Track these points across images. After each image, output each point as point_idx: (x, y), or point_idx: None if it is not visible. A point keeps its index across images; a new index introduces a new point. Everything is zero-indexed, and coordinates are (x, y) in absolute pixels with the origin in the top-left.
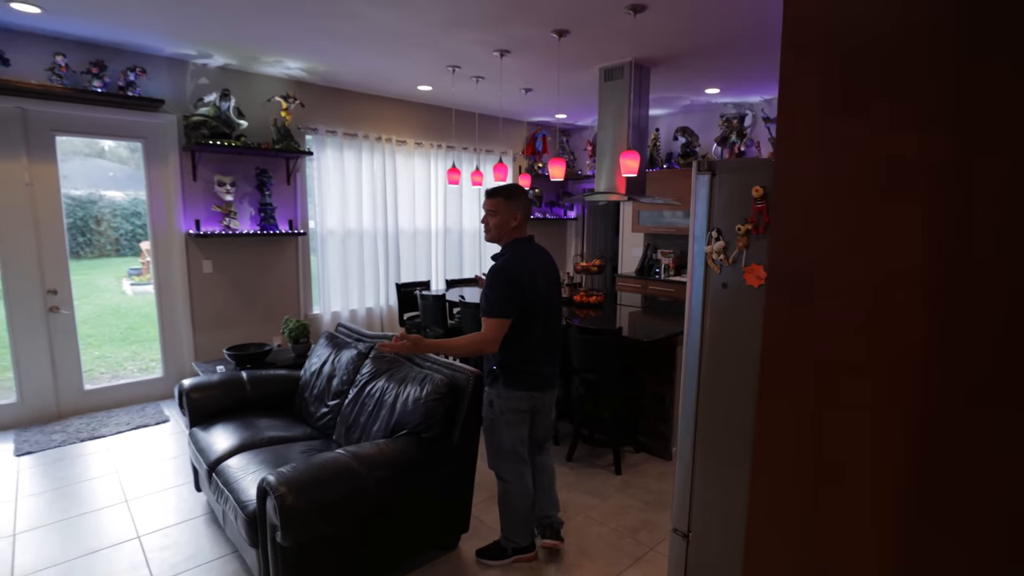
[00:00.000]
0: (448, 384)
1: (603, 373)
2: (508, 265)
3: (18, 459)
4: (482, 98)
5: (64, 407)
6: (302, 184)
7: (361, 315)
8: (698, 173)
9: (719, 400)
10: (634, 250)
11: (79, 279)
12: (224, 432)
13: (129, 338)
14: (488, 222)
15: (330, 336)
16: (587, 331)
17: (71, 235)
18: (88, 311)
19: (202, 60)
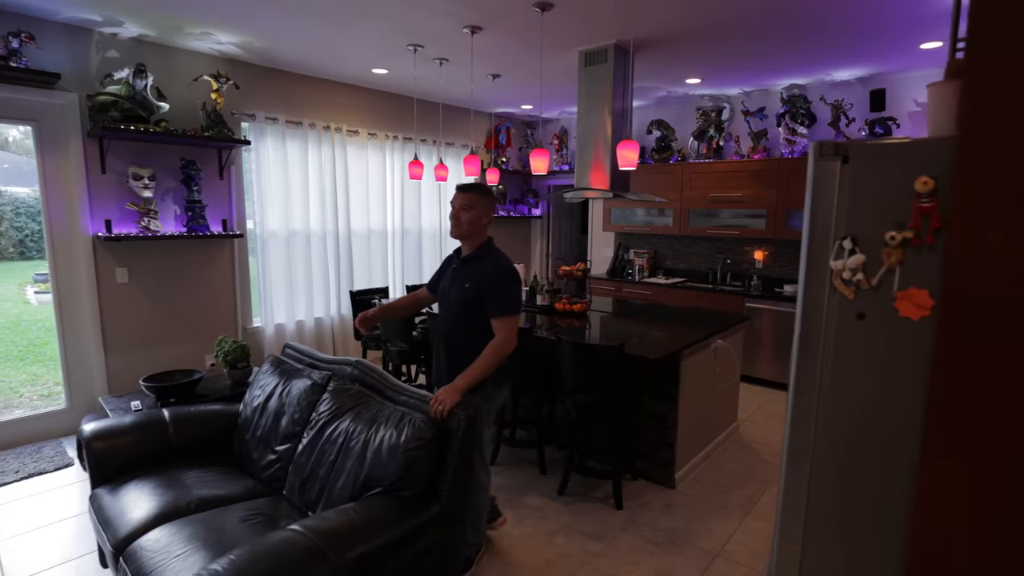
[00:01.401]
0: (434, 427)
1: (600, 394)
2: (510, 264)
3: None
4: (444, 84)
5: None
6: (238, 179)
7: (310, 327)
8: (820, 159)
9: (847, 468)
10: (605, 250)
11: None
12: (139, 493)
13: (29, 357)
14: (460, 216)
15: (276, 361)
16: (583, 347)
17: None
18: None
19: (110, 29)
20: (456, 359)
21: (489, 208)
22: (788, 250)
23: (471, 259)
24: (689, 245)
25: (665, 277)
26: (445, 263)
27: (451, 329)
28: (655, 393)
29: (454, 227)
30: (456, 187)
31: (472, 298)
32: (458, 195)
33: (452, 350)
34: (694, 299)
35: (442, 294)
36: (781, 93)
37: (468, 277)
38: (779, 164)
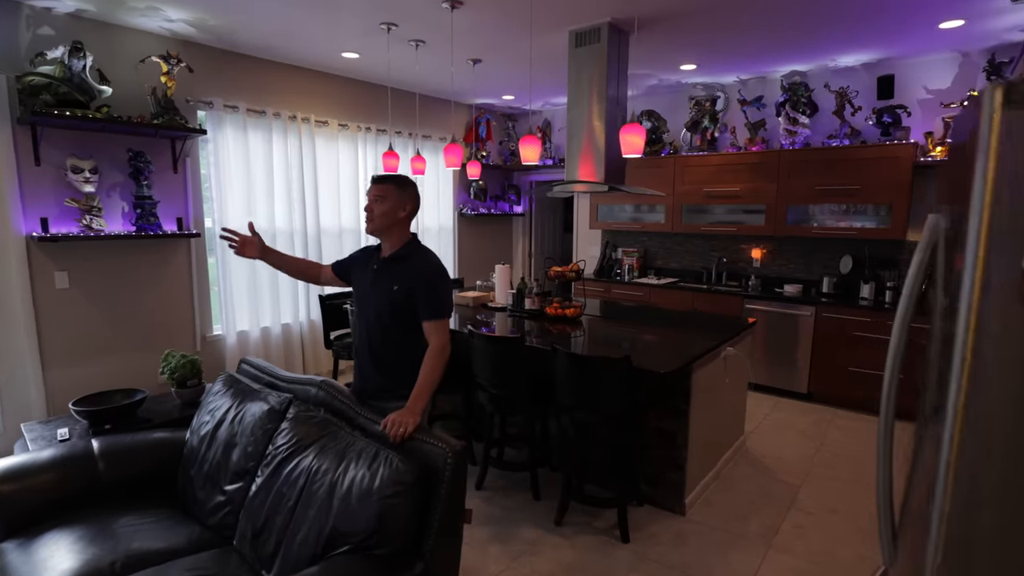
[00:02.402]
0: (415, 467)
1: (602, 411)
2: (440, 263)
3: None
4: (421, 71)
5: None
6: (194, 172)
7: (276, 334)
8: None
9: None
10: (591, 249)
11: None
12: (56, 548)
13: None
14: (373, 209)
15: (229, 380)
16: (582, 360)
17: None
18: None
19: (42, 2)
20: (382, 365)
21: (407, 200)
22: (789, 248)
23: (395, 259)
24: (682, 243)
25: (657, 277)
26: (363, 258)
27: (375, 333)
28: (662, 409)
29: (367, 221)
30: (372, 178)
31: (401, 301)
32: (372, 186)
33: (377, 355)
34: (689, 300)
35: (362, 296)
36: (781, 81)
37: (395, 279)
38: (779, 156)
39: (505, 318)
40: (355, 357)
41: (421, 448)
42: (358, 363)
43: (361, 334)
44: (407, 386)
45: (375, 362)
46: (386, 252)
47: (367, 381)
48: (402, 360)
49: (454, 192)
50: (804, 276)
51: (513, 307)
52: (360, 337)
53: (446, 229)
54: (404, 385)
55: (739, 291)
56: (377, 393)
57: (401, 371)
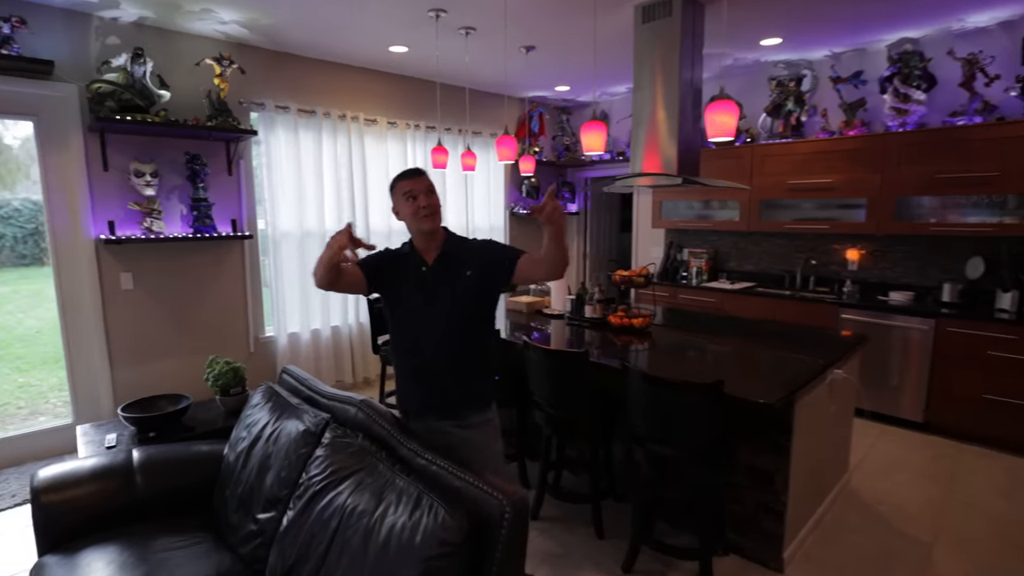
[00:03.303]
0: (464, 521)
1: (686, 446)
2: None
3: None
4: (471, 63)
5: None
6: (247, 174)
7: (326, 336)
8: None
9: None
10: (653, 249)
11: (34, 287)
12: (94, 568)
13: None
14: (433, 203)
15: (269, 392)
16: (663, 384)
17: (34, 240)
18: (31, 326)
19: (109, 12)
20: (465, 371)
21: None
22: (895, 248)
23: (448, 253)
24: (759, 243)
25: (729, 281)
26: (395, 265)
27: (450, 341)
28: (756, 443)
29: (430, 217)
30: (406, 173)
31: (479, 286)
32: (420, 179)
33: (458, 363)
34: (769, 308)
35: (417, 308)
36: (887, 51)
37: (461, 266)
38: (884, 140)
39: (563, 327)
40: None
41: (471, 494)
42: (423, 382)
43: (424, 350)
44: (490, 395)
45: (457, 372)
46: (433, 251)
47: (445, 395)
48: (486, 360)
49: (505, 190)
50: (916, 282)
51: (572, 314)
52: (420, 354)
53: (497, 229)
54: (488, 394)
55: (832, 298)
56: (457, 408)
57: (487, 374)
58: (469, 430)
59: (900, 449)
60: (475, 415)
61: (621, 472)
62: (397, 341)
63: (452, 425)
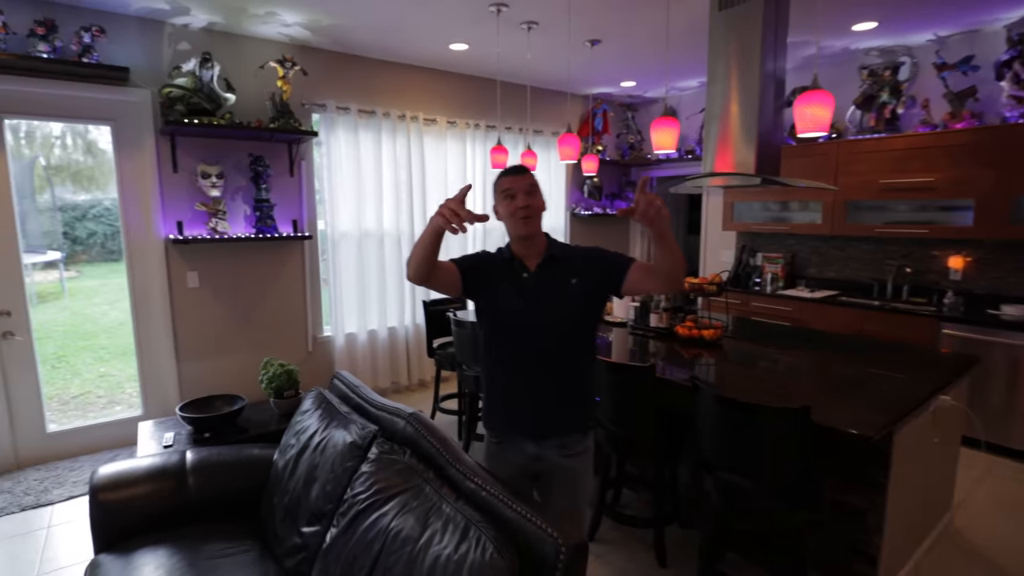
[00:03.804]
0: (514, 559)
1: (764, 478)
2: None
3: None
4: (532, 59)
5: (24, 454)
6: (308, 175)
7: (383, 337)
8: None
9: None
10: (722, 253)
11: (120, 282)
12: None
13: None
14: (533, 204)
15: (319, 398)
16: (739, 408)
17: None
18: (115, 318)
19: (180, 19)
20: (569, 390)
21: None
22: (1009, 255)
23: (553, 258)
24: (843, 248)
25: (808, 289)
26: (492, 268)
27: (553, 355)
28: (845, 476)
29: (526, 220)
30: (508, 169)
31: (586, 294)
32: (522, 177)
33: (561, 380)
34: (854, 320)
35: (514, 318)
36: (1007, 32)
37: (567, 274)
38: (1000, 133)
39: (625, 336)
40: (507, 395)
41: (523, 528)
42: (522, 401)
43: (524, 366)
44: (592, 419)
45: (560, 392)
46: (535, 257)
47: (546, 417)
48: (589, 378)
49: (566, 191)
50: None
51: (635, 323)
52: (520, 370)
53: (557, 230)
54: (590, 417)
55: (930, 310)
56: (559, 431)
57: (589, 395)
58: (572, 459)
59: (1012, 484)
60: (577, 441)
61: (687, 495)
62: (492, 354)
63: (554, 452)
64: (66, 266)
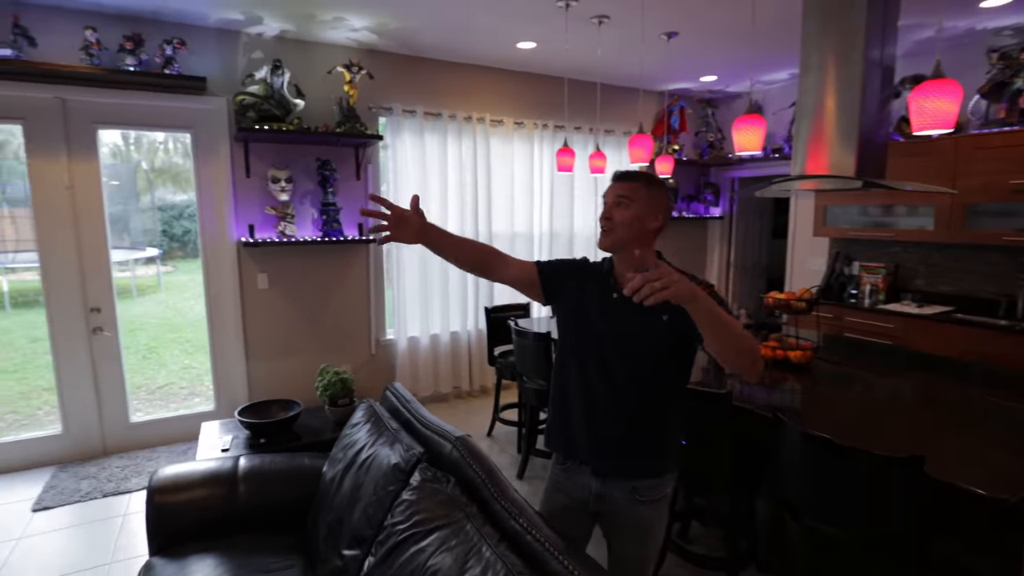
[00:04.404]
0: None
1: (859, 530)
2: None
3: (32, 515)
4: (603, 55)
5: (110, 442)
6: (374, 179)
7: (445, 341)
8: None
9: None
10: (812, 261)
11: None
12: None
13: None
14: (614, 215)
15: (369, 412)
16: (834, 449)
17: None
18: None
19: (255, 29)
20: (636, 433)
21: (659, 207)
22: None
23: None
24: (959, 257)
25: (915, 304)
26: (584, 276)
27: (625, 389)
28: (970, 539)
29: (604, 232)
30: (614, 175)
31: (671, 331)
32: (614, 185)
33: (628, 419)
34: (974, 341)
35: (589, 329)
36: None
37: (657, 309)
38: None
39: (699, 354)
40: (560, 419)
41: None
42: (592, 429)
43: (597, 392)
44: (673, 463)
45: (635, 426)
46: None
47: (617, 452)
48: (672, 416)
49: None
50: None
51: None
52: (592, 397)
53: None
54: (672, 461)
55: None
56: (631, 471)
57: (672, 435)
58: (643, 506)
59: None
60: (650, 487)
61: (766, 534)
62: (562, 369)
63: (621, 495)
64: (163, 262)
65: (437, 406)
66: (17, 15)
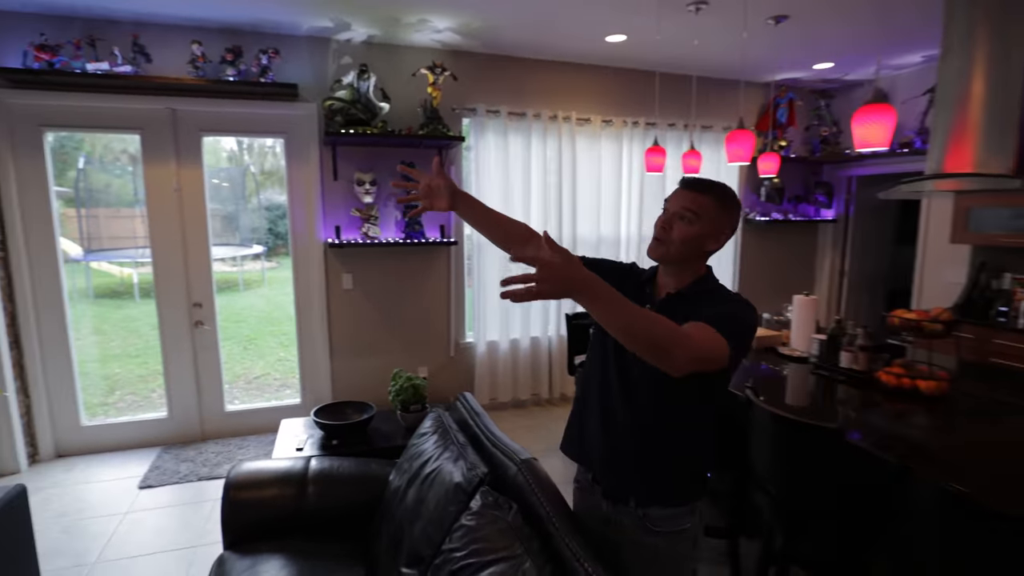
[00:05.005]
0: None
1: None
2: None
3: (138, 492)
4: (700, 46)
5: (207, 428)
6: (457, 180)
7: (525, 347)
8: None
9: None
10: (946, 272)
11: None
12: None
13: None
14: (673, 227)
15: (438, 422)
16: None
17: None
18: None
19: (344, 35)
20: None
21: (726, 226)
22: None
23: (683, 297)
24: None
25: None
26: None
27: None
28: None
29: (658, 242)
30: (682, 180)
31: None
32: (682, 194)
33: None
34: None
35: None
36: None
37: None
38: None
39: (805, 376)
40: (577, 425)
41: None
42: (589, 439)
43: (613, 403)
44: (694, 494)
45: (649, 448)
46: (669, 286)
47: (626, 473)
48: (694, 444)
49: (739, 193)
50: None
51: (820, 361)
52: (599, 400)
53: None
54: (691, 492)
55: None
56: (639, 495)
57: (693, 464)
58: (657, 536)
59: None
60: (667, 517)
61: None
62: (586, 378)
63: (632, 521)
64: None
65: (515, 413)
66: (136, 34)
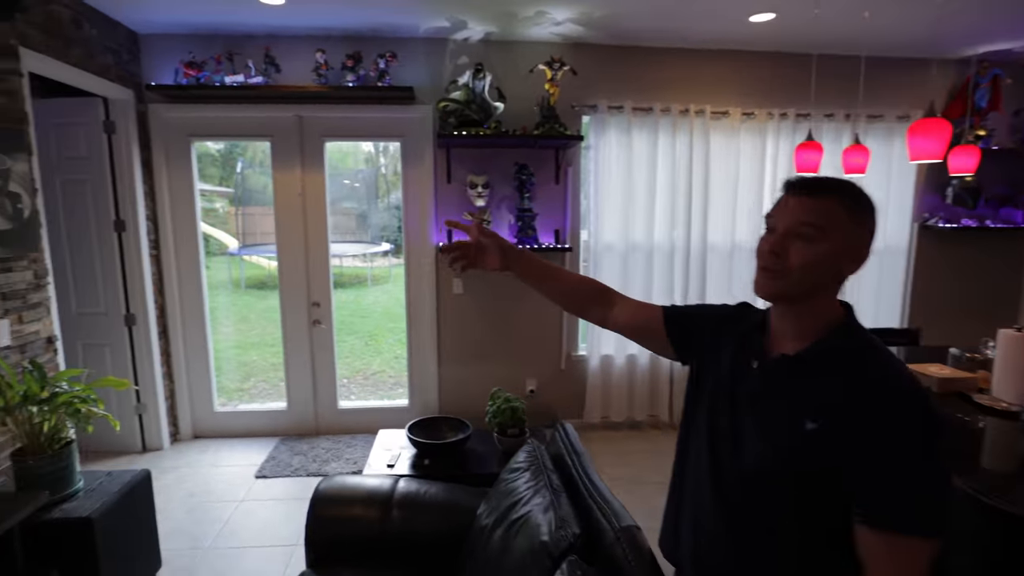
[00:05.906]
0: None
1: None
2: (915, 380)
3: (254, 481)
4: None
5: (321, 423)
6: (574, 183)
7: (642, 364)
8: None
9: None
10: None
11: None
12: None
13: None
14: (789, 251)
15: (532, 457)
16: None
17: None
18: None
19: (461, 34)
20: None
21: (864, 237)
22: None
23: (809, 362)
24: None
25: None
26: (722, 328)
27: (736, 510)
28: None
29: (766, 274)
30: (788, 184)
31: (813, 458)
32: (792, 202)
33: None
34: None
35: (708, 422)
36: None
37: (807, 404)
38: None
39: (1015, 436)
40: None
41: None
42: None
43: (694, 483)
44: None
45: (735, 563)
46: (787, 344)
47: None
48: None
49: (915, 194)
50: None
51: None
52: (691, 489)
53: (895, 250)
54: None
55: None
56: None
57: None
58: None
59: None
60: None
61: None
62: (680, 452)
63: None
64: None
65: (630, 435)
66: (268, 47)
